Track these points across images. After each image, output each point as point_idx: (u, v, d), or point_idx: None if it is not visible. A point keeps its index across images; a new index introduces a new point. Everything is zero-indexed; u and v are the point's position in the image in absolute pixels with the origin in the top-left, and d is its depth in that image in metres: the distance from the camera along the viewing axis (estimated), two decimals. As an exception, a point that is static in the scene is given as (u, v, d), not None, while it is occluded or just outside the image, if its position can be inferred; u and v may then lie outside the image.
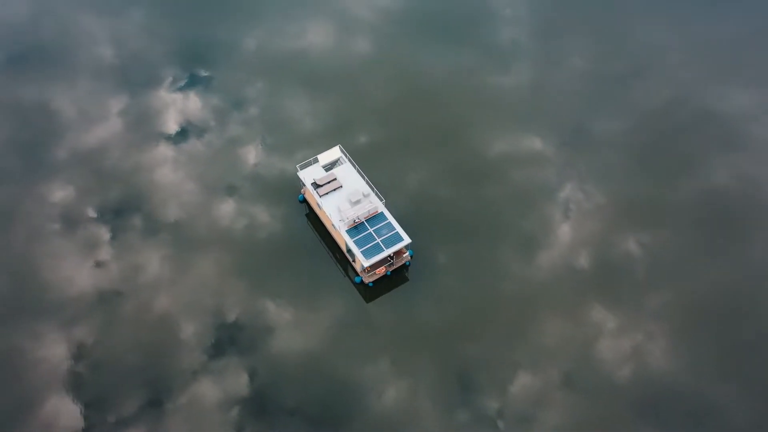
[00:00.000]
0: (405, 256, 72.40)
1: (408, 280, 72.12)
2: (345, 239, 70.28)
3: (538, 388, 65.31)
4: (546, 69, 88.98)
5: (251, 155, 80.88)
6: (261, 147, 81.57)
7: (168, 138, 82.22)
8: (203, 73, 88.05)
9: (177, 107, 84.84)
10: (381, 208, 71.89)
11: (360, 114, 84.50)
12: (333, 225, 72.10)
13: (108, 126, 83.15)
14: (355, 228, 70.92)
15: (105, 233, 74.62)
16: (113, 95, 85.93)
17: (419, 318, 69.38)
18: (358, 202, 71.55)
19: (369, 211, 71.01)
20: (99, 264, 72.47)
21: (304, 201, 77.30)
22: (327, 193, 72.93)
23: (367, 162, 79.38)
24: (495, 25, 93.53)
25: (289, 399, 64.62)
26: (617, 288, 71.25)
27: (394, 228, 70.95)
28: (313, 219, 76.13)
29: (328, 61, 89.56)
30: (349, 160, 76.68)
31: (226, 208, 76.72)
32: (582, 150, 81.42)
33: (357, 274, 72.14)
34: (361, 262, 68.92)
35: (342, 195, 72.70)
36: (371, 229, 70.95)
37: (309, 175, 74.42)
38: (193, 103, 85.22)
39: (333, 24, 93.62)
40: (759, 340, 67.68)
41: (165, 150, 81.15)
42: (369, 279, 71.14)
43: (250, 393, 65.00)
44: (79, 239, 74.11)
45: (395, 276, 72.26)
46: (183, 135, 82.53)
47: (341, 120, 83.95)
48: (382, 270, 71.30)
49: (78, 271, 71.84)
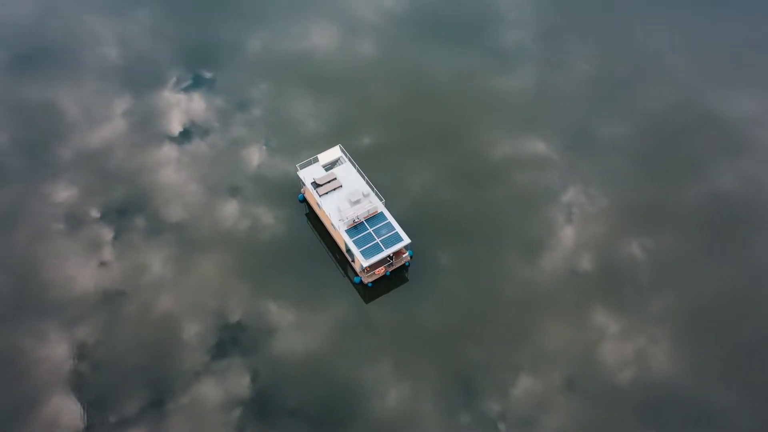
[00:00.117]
0: (404, 256, 72.08)
1: (407, 280, 71.91)
2: (344, 239, 70.09)
3: (539, 391, 65.10)
4: (549, 72, 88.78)
5: (254, 156, 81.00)
6: (264, 148, 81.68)
7: (172, 139, 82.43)
8: (207, 74, 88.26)
9: (181, 108, 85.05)
10: (381, 207, 71.63)
11: (364, 116, 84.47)
12: (332, 225, 71.93)
13: (112, 126, 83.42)
14: (355, 228, 70.68)
15: (108, 233, 74.84)
16: (117, 96, 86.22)
17: (421, 319, 69.19)
18: (357, 201, 71.31)
19: (368, 211, 70.75)
20: (102, 264, 72.67)
21: (304, 201, 77.25)
22: (327, 193, 72.74)
23: (371, 163, 79.33)
24: (499, 28, 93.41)
25: (291, 400, 64.64)
26: (620, 291, 70.92)
27: (393, 228, 70.64)
28: (313, 219, 76.12)
29: (332, 63, 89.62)
30: (349, 159, 76.54)
31: (229, 209, 76.83)
32: (585, 153, 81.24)
33: (356, 274, 71.99)
34: (361, 262, 68.71)
35: (342, 195, 72.50)
36: (371, 229, 70.71)
37: (309, 175, 74.26)
38: (197, 104, 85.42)
39: (337, 26, 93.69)
40: (762, 343, 67.09)
41: (169, 151, 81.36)
42: (368, 279, 70.92)
43: (251, 394, 65.03)
44: (83, 239, 74.35)
45: (395, 276, 72.12)
46: (187, 136, 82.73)
47: (345, 121, 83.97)
48: (381, 270, 71.07)
49: (81, 271, 72.07)
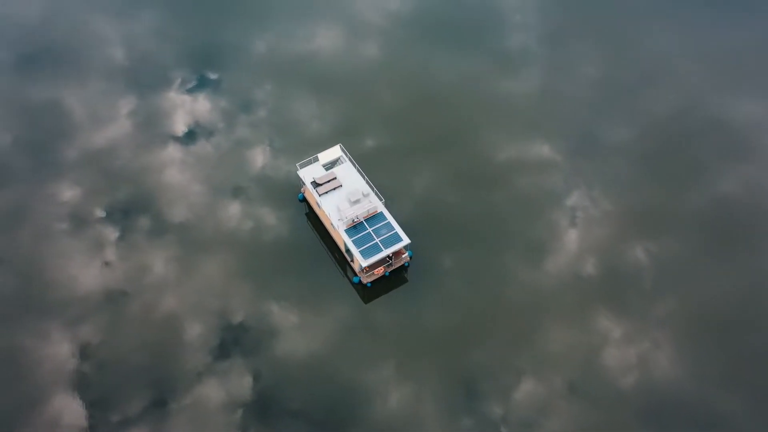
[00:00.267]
0: (404, 256, 71.66)
1: (407, 281, 71.70)
2: (344, 239, 69.83)
3: (542, 394, 64.85)
4: (554, 76, 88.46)
5: (258, 157, 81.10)
6: (268, 149, 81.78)
7: (176, 139, 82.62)
8: (212, 76, 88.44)
9: (186, 109, 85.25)
10: (380, 207, 71.29)
11: (367, 118, 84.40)
12: (332, 224, 71.70)
13: (117, 127, 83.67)
14: (354, 227, 70.37)
15: (112, 233, 75.02)
16: (123, 96, 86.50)
17: (421, 321, 68.81)
18: (357, 201, 70.99)
19: (368, 211, 70.43)
20: (106, 264, 72.85)
21: (304, 200, 77.15)
22: (326, 192, 72.57)
23: (374, 165, 79.23)
24: (504, 31, 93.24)
25: (293, 401, 64.62)
26: (623, 296, 70.54)
27: (393, 228, 70.24)
28: (313, 218, 76.06)
29: (336, 65, 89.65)
30: (350, 159, 76.34)
31: (232, 209, 76.94)
32: (590, 157, 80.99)
33: (355, 274, 71.74)
34: (359, 261, 68.43)
35: (341, 194, 72.22)
36: (370, 229, 70.38)
37: (309, 174, 74.08)
38: (202, 105, 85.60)
39: (342, 28, 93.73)
40: (765, 348, 66.69)
41: (173, 151, 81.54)
42: (367, 279, 70.61)
43: (254, 395, 65.05)
44: (87, 239, 74.57)
45: (394, 277, 71.86)
46: (191, 136, 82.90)
47: (349, 123, 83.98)
48: (380, 270, 70.76)
49: (85, 271, 72.28)
